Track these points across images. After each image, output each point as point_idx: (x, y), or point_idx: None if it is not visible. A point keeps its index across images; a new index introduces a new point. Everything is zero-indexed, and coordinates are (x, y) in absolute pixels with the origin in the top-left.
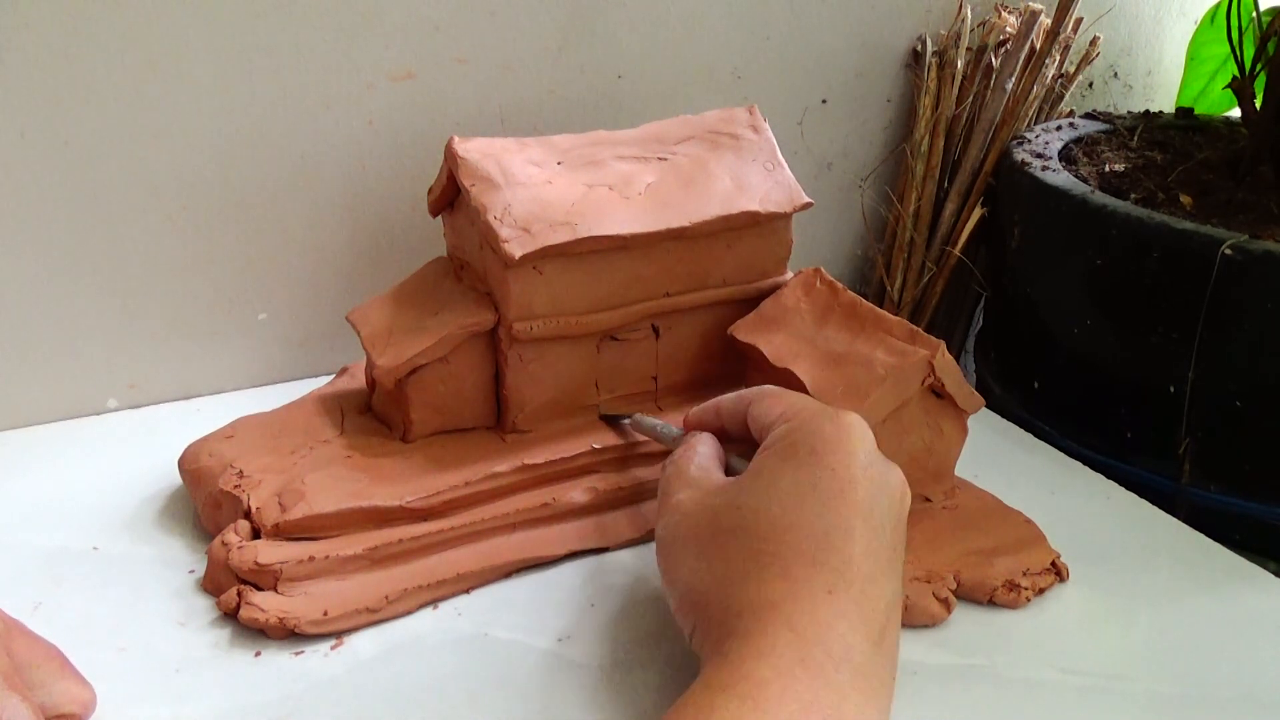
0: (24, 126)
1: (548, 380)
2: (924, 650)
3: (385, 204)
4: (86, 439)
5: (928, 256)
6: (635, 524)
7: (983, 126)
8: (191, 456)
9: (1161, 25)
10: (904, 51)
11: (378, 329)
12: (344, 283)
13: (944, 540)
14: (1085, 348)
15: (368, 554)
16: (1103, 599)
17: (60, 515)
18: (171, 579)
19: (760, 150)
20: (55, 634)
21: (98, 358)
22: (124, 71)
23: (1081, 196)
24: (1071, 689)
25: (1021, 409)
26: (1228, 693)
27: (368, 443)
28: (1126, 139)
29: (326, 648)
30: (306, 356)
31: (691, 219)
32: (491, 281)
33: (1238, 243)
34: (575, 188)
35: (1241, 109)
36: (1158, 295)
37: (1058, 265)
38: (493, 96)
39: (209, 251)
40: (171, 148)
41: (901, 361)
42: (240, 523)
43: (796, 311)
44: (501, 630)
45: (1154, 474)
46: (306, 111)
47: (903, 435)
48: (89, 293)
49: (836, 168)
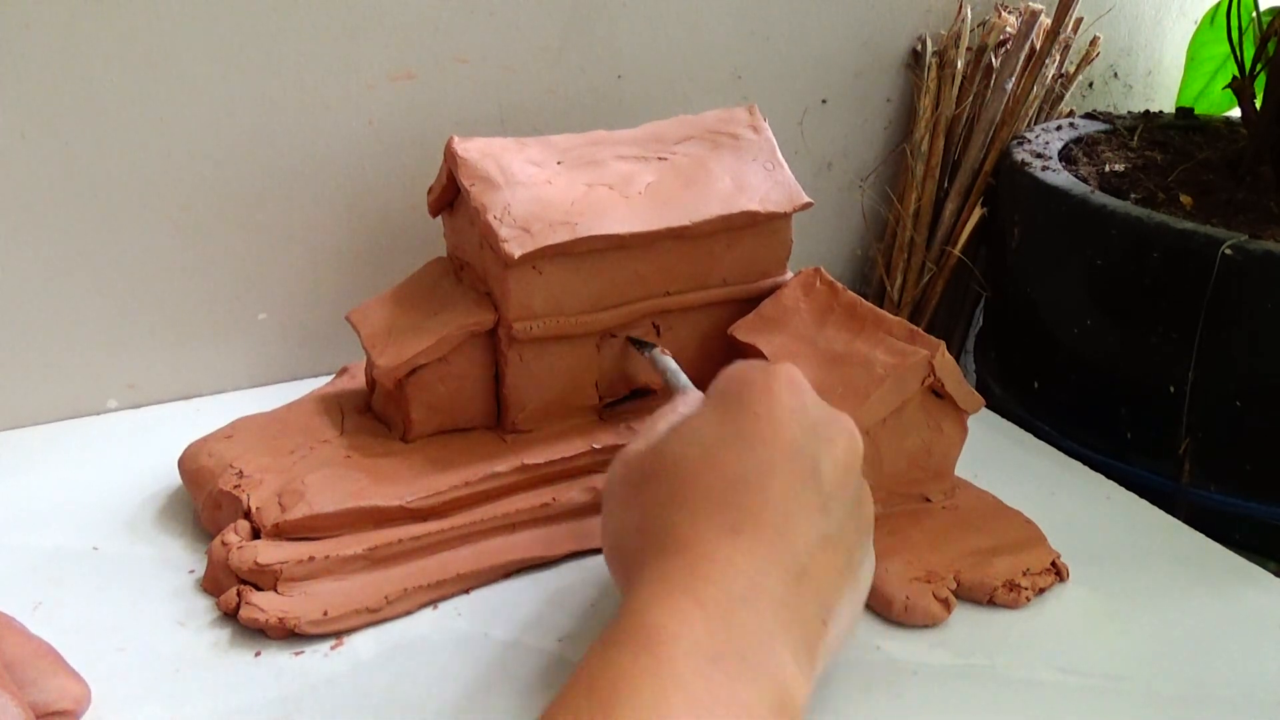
0: (24, 126)
1: (548, 380)
2: (924, 650)
3: (385, 204)
4: (86, 439)
5: (928, 256)
6: None
7: (983, 126)
8: (191, 456)
9: (1161, 25)
10: (904, 51)
11: (378, 329)
12: (344, 283)
13: (944, 540)
14: (1085, 348)
15: (368, 554)
16: (1103, 599)
17: (60, 515)
18: (171, 579)
19: (760, 150)
20: (55, 634)
21: (98, 358)
22: (124, 71)
23: (1081, 196)
24: (1071, 689)
25: (1021, 409)
26: (1228, 693)
27: (368, 443)
28: (1126, 139)
29: (326, 648)
30: (306, 356)
31: (691, 219)
32: (491, 281)
33: (1238, 243)
34: (575, 187)
35: (1241, 109)
36: (1158, 295)
37: (1058, 265)
38: (493, 96)
39: (209, 251)
40: (171, 148)
41: (901, 361)
42: (240, 523)
43: (796, 311)
44: (501, 630)
45: (1154, 474)
46: (306, 111)
47: (903, 435)
48: (89, 293)
49: (836, 168)
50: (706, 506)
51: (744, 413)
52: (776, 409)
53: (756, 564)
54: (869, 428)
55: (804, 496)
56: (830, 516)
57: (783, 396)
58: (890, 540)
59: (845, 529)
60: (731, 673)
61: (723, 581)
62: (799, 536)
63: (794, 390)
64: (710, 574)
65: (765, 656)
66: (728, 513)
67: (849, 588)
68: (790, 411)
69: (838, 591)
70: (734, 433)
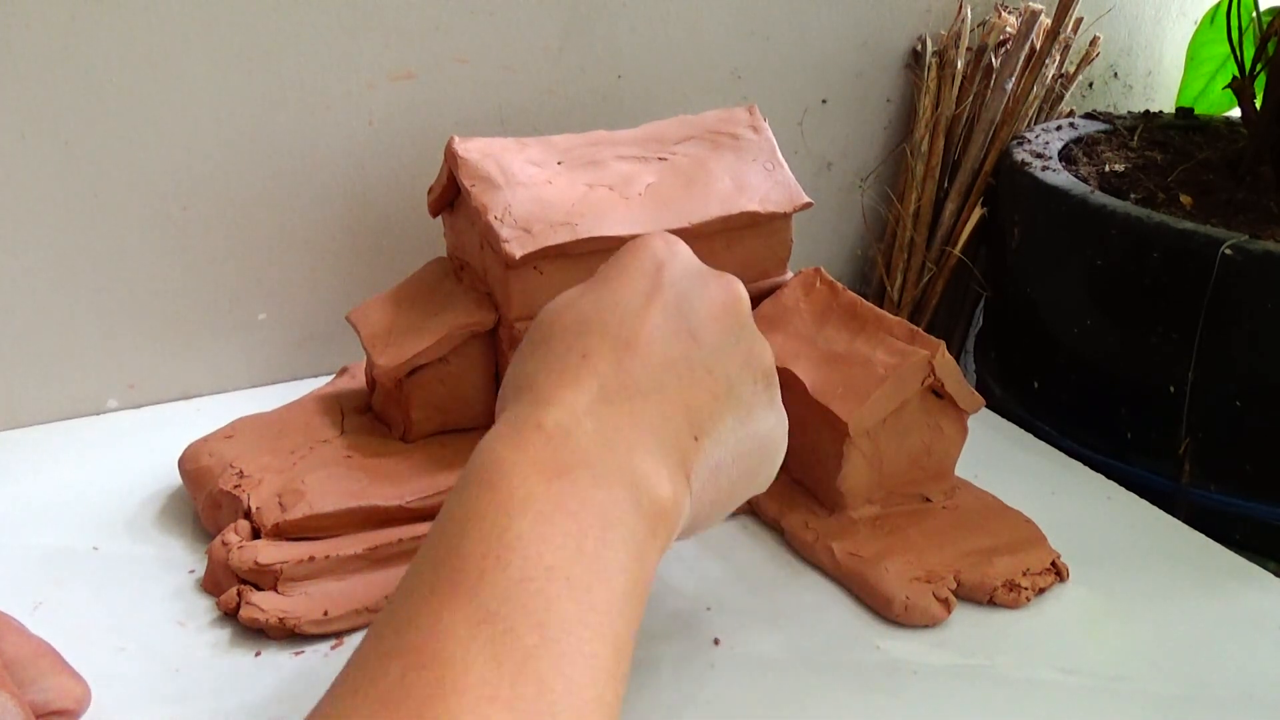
0: (24, 126)
1: None
2: (924, 650)
3: (385, 204)
4: (86, 439)
5: (928, 256)
6: None
7: (983, 126)
8: (191, 456)
9: (1161, 25)
10: (904, 52)
11: (378, 329)
12: (344, 283)
13: (944, 540)
14: (1085, 348)
15: (368, 554)
16: (1103, 599)
17: (60, 515)
18: (171, 579)
19: (760, 150)
20: (55, 634)
21: (98, 358)
22: (124, 71)
23: (1081, 196)
24: (1071, 689)
25: (1021, 409)
26: (1228, 693)
27: (368, 443)
28: (1126, 139)
29: (326, 648)
30: (306, 356)
31: (691, 219)
32: (491, 281)
33: (1238, 243)
34: (575, 188)
35: (1241, 109)
36: (1158, 295)
37: (1058, 265)
38: (493, 96)
39: (209, 251)
40: (171, 148)
41: (901, 361)
42: (240, 523)
43: (796, 311)
44: None
45: (1154, 474)
46: (306, 111)
47: (903, 435)
48: (89, 293)
49: (836, 168)
50: (558, 344)
51: (611, 265)
52: (642, 256)
53: (604, 381)
54: (869, 428)
55: (663, 319)
56: (700, 344)
57: (652, 248)
58: (890, 540)
59: (722, 360)
60: (580, 482)
61: (566, 404)
62: (654, 353)
63: (668, 244)
64: (554, 398)
65: (618, 461)
66: (577, 340)
67: (731, 416)
68: (658, 258)
69: (715, 416)
70: (598, 280)
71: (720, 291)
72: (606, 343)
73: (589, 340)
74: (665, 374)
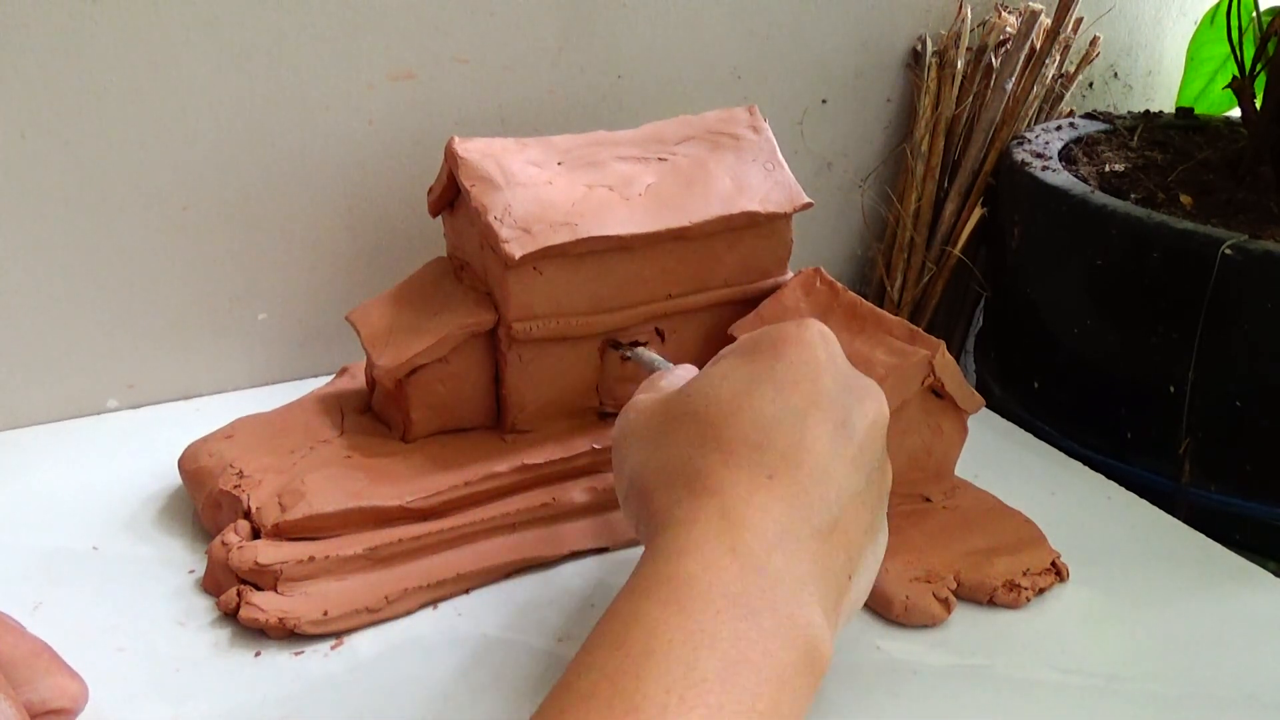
0: (24, 126)
1: (547, 381)
2: (924, 650)
3: (385, 204)
4: (86, 439)
5: (928, 256)
6: None
7: (983, 126)
8: (191, 456)
9: (1161, 25)
10: (904, 51)
11: (378, 329)
12: (344, 283)
13: (944, 540)
14: (1085, 348)
15: (368, 554)
16: (1103, 599)
17: (60, 515)
18: (171, 579)
19: (760, 150)
20: (55, 634)
21: (98, 358)
22: (124, 71)
23: (1081, 196)
24: (1071, 689)
25: (1021, 409)
26: (1228, 693)
27: (368, 443)
28: (1126, 139)
29: (326, 648)
30: (306, 356)
31: (692, 219)
32: (491, 282)
33: (1238, 243)
34: (575, 188)
35: (1241, 109)
36: (1158, 295)
37: (1058, 265)
38: (493, 96)
39: (209, 251)
40: (172, 148)
41: (901, 361)
42: (240, 523)
43: (796, 311)
44: (501, 630)
45: (1154, 474)
46: (306, 111)
47: (903, 435)
48: (89, 293)
49: (836, 168)
50: (740, 449)
51: (777, 359)
52: (810, 357)
53: (791, 512)
54: None
55: (838, 446)
56: (859, 471)
57: (816, 346)
58: (890, 540)
59: (871, 488)
60: (765, 628)
61: (757, 529)
62: (833, 486)
63: (826, 342)
64: (744, 520)
65: (796, 609)
66: (762, 456)
67: (870, 550)
68: (823, 361)
69: (862, 551)
70: (767, 376)
71: (873, 405)
72: (786, 464)
73: (771, 459)
74: (839, 511)
